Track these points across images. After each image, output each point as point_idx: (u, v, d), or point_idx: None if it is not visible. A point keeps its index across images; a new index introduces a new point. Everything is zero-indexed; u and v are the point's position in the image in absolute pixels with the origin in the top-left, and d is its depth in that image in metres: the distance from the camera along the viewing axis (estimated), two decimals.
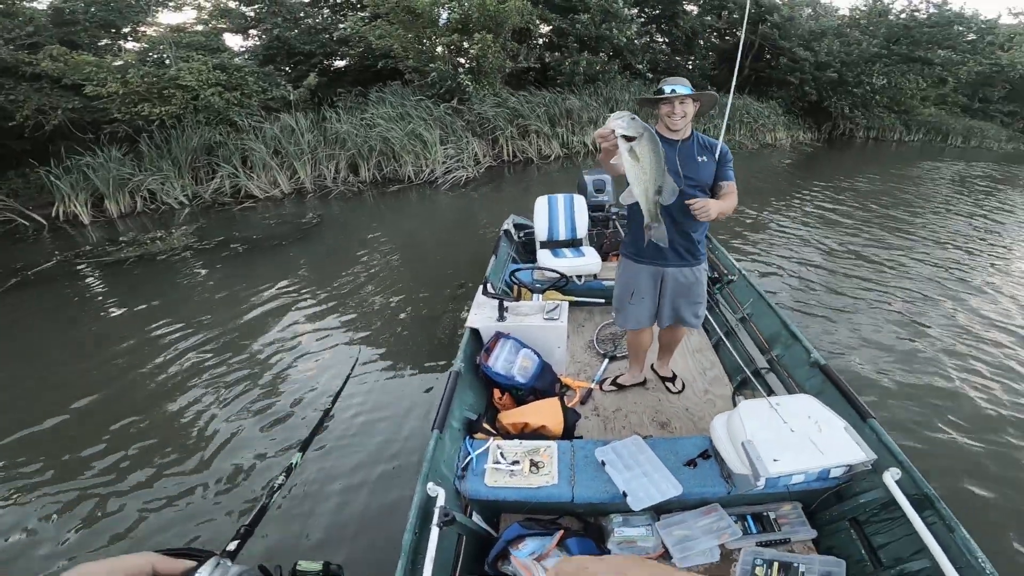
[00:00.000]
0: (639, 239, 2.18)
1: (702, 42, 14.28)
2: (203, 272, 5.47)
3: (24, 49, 8.28)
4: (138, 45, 10.96)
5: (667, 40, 13.95)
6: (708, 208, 1.97)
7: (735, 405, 2.49)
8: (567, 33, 11.85)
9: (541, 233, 3.85)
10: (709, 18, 14.08)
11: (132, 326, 4.34)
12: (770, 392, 2.52)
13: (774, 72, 14.10)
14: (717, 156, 2.11)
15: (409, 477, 2.59)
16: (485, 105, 9.33)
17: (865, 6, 15.32)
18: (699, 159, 2.08)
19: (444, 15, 9.69)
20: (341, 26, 12.06)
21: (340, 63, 12.71)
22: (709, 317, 3.14)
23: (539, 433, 2.26)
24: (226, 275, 5.35)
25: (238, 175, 7.83)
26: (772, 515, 1.89)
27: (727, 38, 14.71)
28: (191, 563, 0.48)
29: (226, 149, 7.97)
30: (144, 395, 3.41)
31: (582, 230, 3.88)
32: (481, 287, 2.92)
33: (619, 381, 2.76)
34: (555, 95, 10.03)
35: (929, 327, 4.06)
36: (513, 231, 4.31)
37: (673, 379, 2.80)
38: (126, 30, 11.18)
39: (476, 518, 1.91)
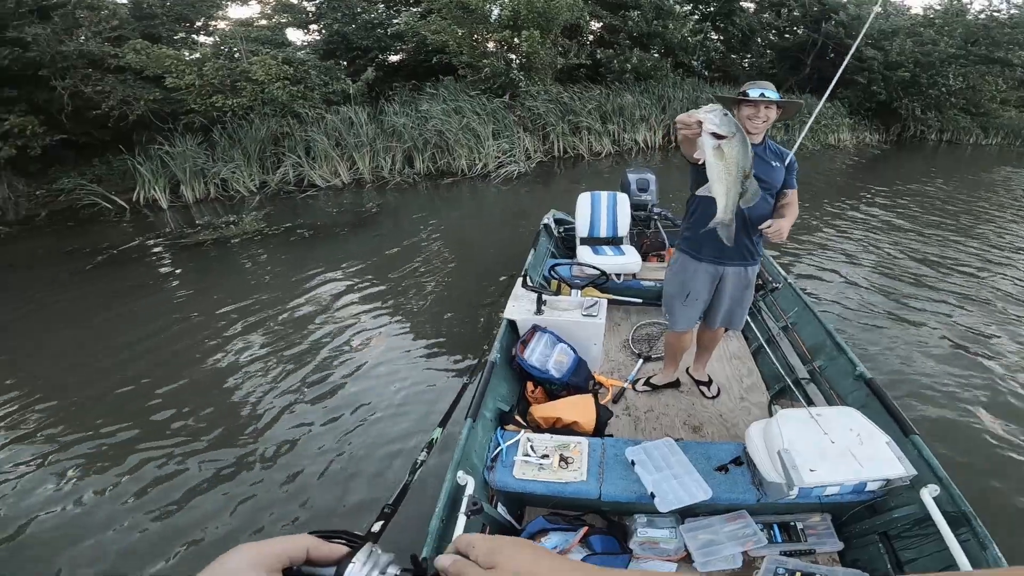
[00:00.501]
0: (701, 235, 2.13)
1: (759, 40, 13.88)
2: (273, 255, 5.86)
3: (109, 43, 9.01)
4: (210, 39, 11.72)
5: (721, 38, 13.63)
6: (781, 232, 1.97)
7: (771, 414, 2.48)
8: (618, 30, 11.79)
9: (582, 229, 3.88)
10: (767, 15, 13.66)
11: (209, 302, 4.74)
12: (809, 403, 2.46)
13: (835, 69, 13.52)
14: (786, 164, 2.10)
15: (432, 461, 2.63)
16: (537, 101, 9.44)
17: (940, 5, 14.48)
18: (772, 164, 2.06)
19: (495, 11, 9.86)
20: (395, 21, 12.46)
21: (394, 58, 13.13)
22: (751, 323, 3.12)
23: (570, 429, 2.28)
24: (296, 258, 5.73)
25: (302, 165, 8.27)
26: (800, 525, 1.88)
27: (786, 36, 14.23)
28: (344, 549, 0.47)
29: (291, 140, 8.42)
30: (217, 365, 3.75)
31: (623, 228, 3.89)
32: (520, 279, 2.96)
33: (652, 381, 2.77)
34: (607, 92, 10.02)
35: (991, 346, 3.85)
36: (553, 226, 4.36)
37: (708, 383, 2.77)
38: (198, 24, 11.96)
39: (501, 509, 1.94)
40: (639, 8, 11.22)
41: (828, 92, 3.81)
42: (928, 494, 1.63)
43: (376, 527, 0.65)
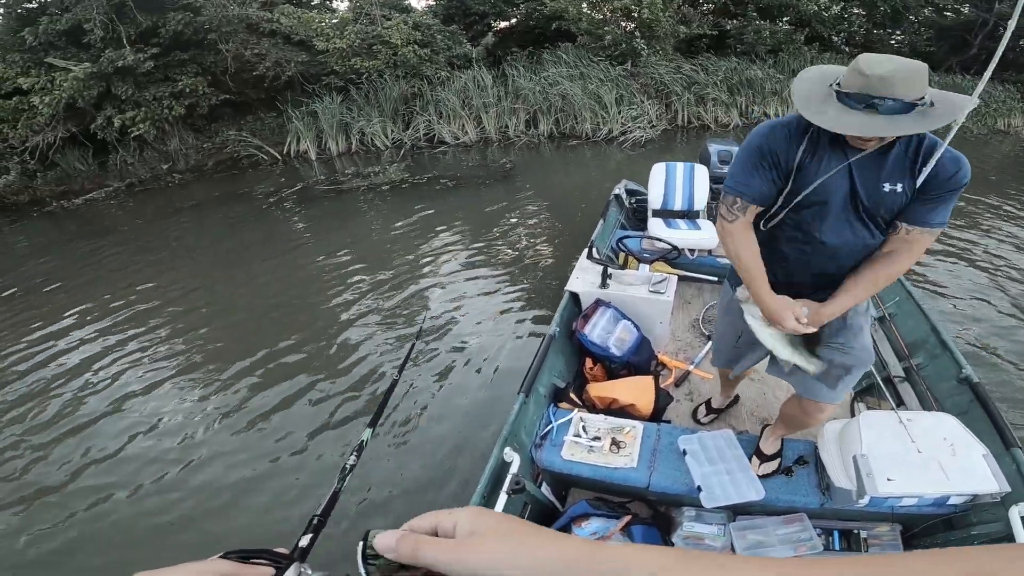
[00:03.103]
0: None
1: (913, 17, 12.86)
2: (421, 201, 6.56)
3: (263, 8, 10.21)
4: (343, 4, 12.84)
5: (864, 12, 12.78)
6: (820, 319, 1.42)
7: (853, 413, 2.36)
8: (745, 1, 11.46)
9: (655, 201, 3.74)
10: None
11: (369, 239, 5.51)
12: (899, 404, 2.28)
13: (1011, 52, 12.21)
14: (919, 185, 1.29)
15: (479, 430, 2.75)
16: (660, 70, 9.53)
17: None
18: (885, 187, 1.31)
19: None
20: None
21: (505, 24, 13.66)
22: None
23: (626, 411, 2.21)
24: (442, 205, 6.39)
25: (432, 123, 9.00)
26: (864, 534, 1.79)
27: (947, 14, 13.05)
28: (268, 570, 0.44)
29: (422, 99, 9.17)
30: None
31: (700, 202, 3.72)
32: (586, 251, 2.86)
33: (714, 405, 2.44)
34: (735, 63, 9.89)
35: None
36: (624, 196, 4.24)
37: (771, 458, 1.96)
38: None
39: (545, 489, 1.92)
40: None
41: (987, 75, 3.40)
42: (1018, 512, 1.53)
43: (304, 542, 0.57)
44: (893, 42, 12.85)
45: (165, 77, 8.83)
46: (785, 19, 11.40)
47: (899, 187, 1.31)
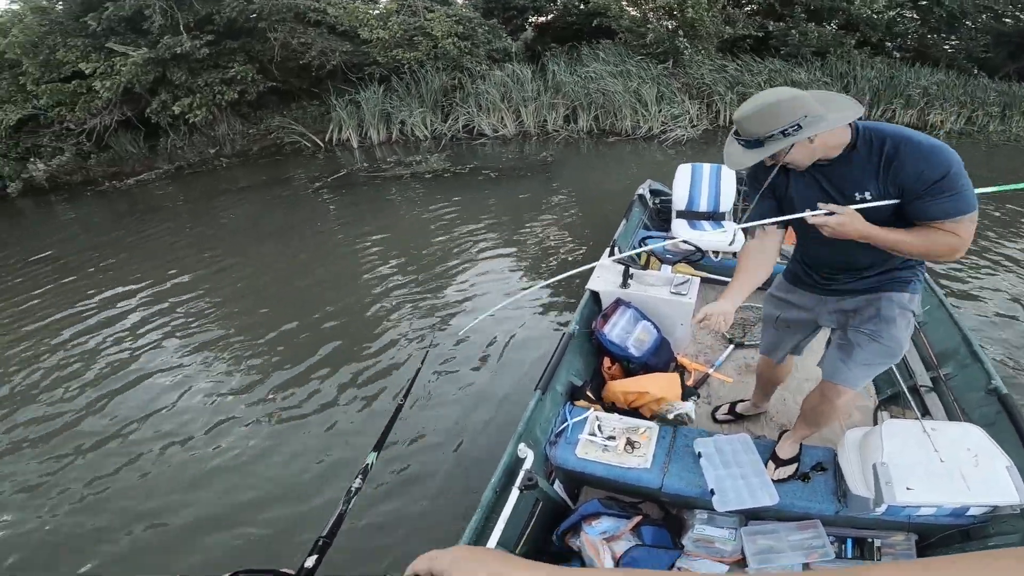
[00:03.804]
0: (797, 267, 1.80)
1: (969, 22, 12.44)
2: (463, 191, 6.71)
3: None
4: None
5: (918, 16, 12.41)
6: (832, 221, 1.39)
7: (876, 422, 2.32)
8: (793, 2, 11.26)
9: (679, 202, 3.72)
10: None
11: (408, 225, 5.72)
12: (925, 414, 2.25)
13: None
14: (903, 185, 1.35)
15: (498, 428, 2.81)
16: (703, 70, 9.46)
17: None
18: (856, 196, 1.41)
19: None
20: None
21: (542, 19, 13.72)
22: None
23: (652, 407, 2.22)
24: (485, 195, 6.52)
25: (471, 115, 9.12)
26: (878, 543, 1.78)
27: (1005, 20, 12.60)
28: None
29: (462, 92, 9.29)
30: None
31: (726, 204, 3.69)
32: (608, 250, 2.87)
33: (738, 409, 2.43)
34: (780, 66, 9.74)
35: None
36: (648, 196, 4.24)
37: (787, 462, 1.97)
38: None
39: (557, 486, 1.94)
40: None
41: None
42: None
43: (309, 562, 0.59)
44: (947, 47, 12.46)
45: (216, 64, 9.13)
46: (834, 22, 11.17)
47: (868, 194, 1.40)
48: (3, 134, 8.75)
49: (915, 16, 12.24)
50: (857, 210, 1.38)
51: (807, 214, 1.44)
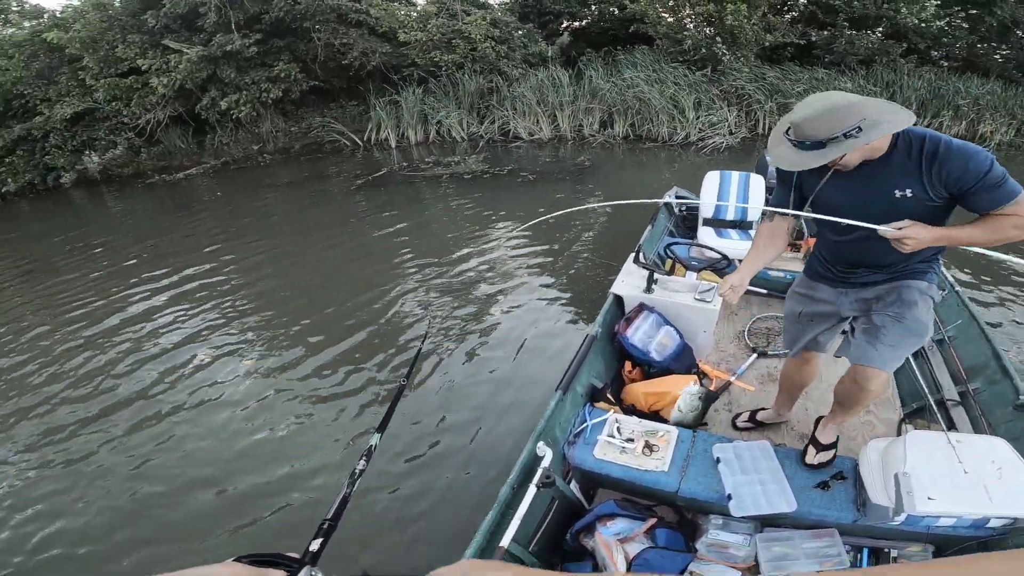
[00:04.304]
0: (817, 262, 1.86)
1: (1021, 32, 12.05)
2: (503, 192, 6.81)
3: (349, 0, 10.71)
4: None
5: (968, 25, 12.07)
6: (909, 237, 1.43)
7: (900, 434, 2.28)
8: (836, 10, 11.07)
9: (706, 210, 3.73)
10: None
11: (442, 222, 5.90)
12: (950, 427, 2.24)
13: None
14: (950, 184, 1.41)
15: (516, 424, 2.87)
16: (741, 78, 9.38)
17: None
18: (896, 193, 1.47)
19: None
20: None
21: (577, 24, 13.76)
22: None
23: (674, 408, 2.24)
24: (522, 197, 6.61)
25: (508, 118, 9.23)
26: (894, 553, 1.77)
27: None
28: (279, 573, 0.45)
29: (498, 95, 9.41)
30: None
31: (754, 212, 3.66)
32: (632, 255, 2.89)
33: (759, 417, 2.40)
34: (823, 75, 9.60)
35: None
36: (675, 204, 4.26)
37: (826, 447, 2.01)
38: None
39: (574, 486, 1.95)
40: None
41: None
42: None
43: (314, 546, 0.58)
44: (997, 56, 12.08)
45: (262, 63, 9.44)
46: (879, 30, 10.94)
47: (908, 192, 1.45)
48: (60, 126, 9.19)
49: (964, 25, 11.91)
50: (899, 207, 1.47)
51: (881, 228, 1.47)
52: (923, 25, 10.48)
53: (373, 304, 4.28)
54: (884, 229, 1.47)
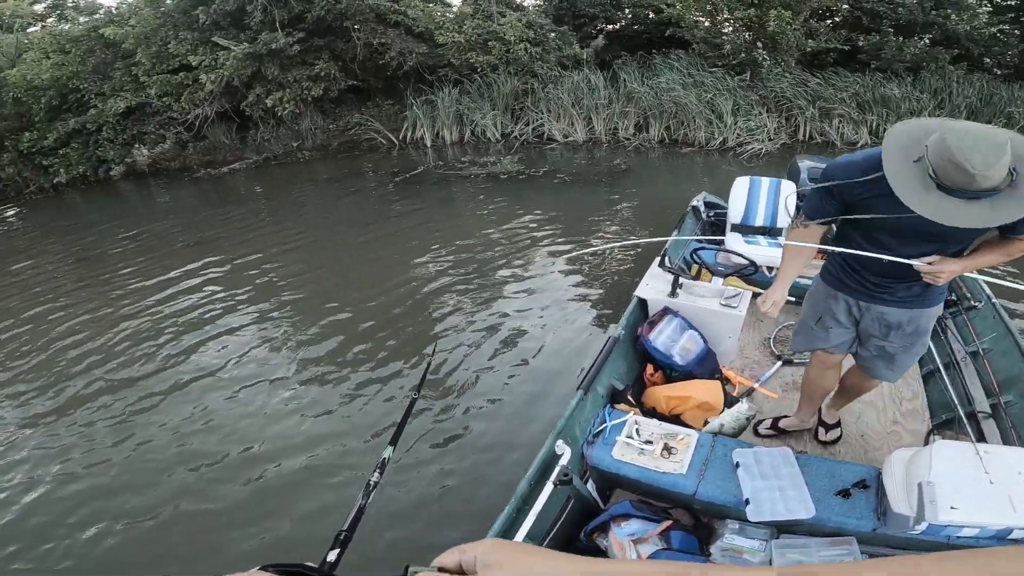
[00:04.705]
0: (840, 270, 1.84)
1: None
2: (540, 194, 6.84)
3: (388, 1, 10.87)
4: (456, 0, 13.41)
5: (1020, 32, 11.60)
6: (943, 272, 1.52)
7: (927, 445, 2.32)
8: (881, 16, 10.77)
9: (735, 216, 3.70)
10: None
11: (486, 221, 5.92)
12: (980, 439, 2.22)
13: None
14: None
15: (536, 414, 2.93)
16: (783, 83, 9.20)
17: None
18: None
19: None
20: None
21: (613, 27, 13.70)
22: (930, 344, 2.64)
23: (695, 413, 2.24)
24: (557, 198, 6.64)
25: (542, 119, 9.25)
26: None
27: None
28: None
29: (533, 96, 9.44)
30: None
31: (784, 219, 3.60)
32: (658, 259, 2.88)
33: (781, 424, 2.42)
34: (869, 81, 9.36)
35: None
36: (702, 208, 4.24)
37: (831, 426, 2.37)
38: None
39: (590, 485, 1.97)
40: None
41: None
42: None
43: (332, 556, 0.60)
44: None
45: (304, 61, 9.67)
46: (927, 36, 10.60)
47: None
48: (112, 120, 9.56)
49: (1016, 32, 11.45)
50: (960, 233, 1.44)
51: (917, 264, 1.54)
52: (974, 32, 10.12)
53: (406, 301, 4.42)
54: (919, 265, 1.52)
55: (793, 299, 3.20)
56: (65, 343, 4.33)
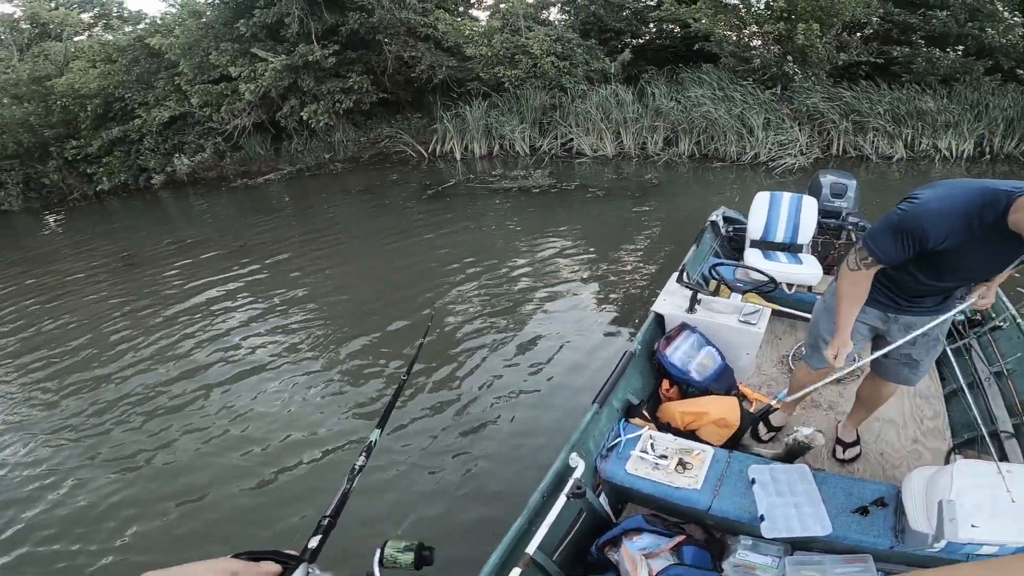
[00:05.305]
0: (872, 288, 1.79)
1: None
2: (571, 205, 6.91)
3: (418, 14, 11.07)
4: (483, 14, 13.60)
5: None
6: (991, 298, 1.76)
7: (948, 463, 2.25)
8: (913, 28, 10.63)
9: (754, 231, 3.61)
10: None
11: (515, 233, 6.04)
12: (1002, 459, 2.20)
13: None
14: None
15: (547, 424, 2.99)
16: (814, 97, 9.11)
17: None
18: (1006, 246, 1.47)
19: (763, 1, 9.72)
20: (650, 3, 12.97)
21: (639, 41, 13.73)
22: (954, 363, 2.63)
23: (711, 429, 2.24)
24: (587, 213, 6.66)
25: (571, 134, 9.29)
26: None
27: None
28: (275, 568, 0.45)
29: (561, 110, 9.49)
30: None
31: (805, 236, 3.53)
32: (676, 274, 2.90)
33: (773, 423, 2.46)
34: (903, 94, 9.22)
35: None
36: (721, 224, 4.18)
37: (850, 444, 2.34)
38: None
39: (603, 499, 1.97)
40: (947, 7, 9.96)
41: None
42: None
43: (313, 543, 0.58)
44: None
45: (337, 73, 9.89)
46: (960, 48, 10.42)
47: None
48: (155, 129, 9.88)
49: None
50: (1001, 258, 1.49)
51: (973, 302, 1.78)
52: (1008, 44, 9.92)
53: (431, 305, 4.57)
54: (979, 303, 1.78)
55: (810, 316, 3.24)
56: (118, 336, 4.63)
